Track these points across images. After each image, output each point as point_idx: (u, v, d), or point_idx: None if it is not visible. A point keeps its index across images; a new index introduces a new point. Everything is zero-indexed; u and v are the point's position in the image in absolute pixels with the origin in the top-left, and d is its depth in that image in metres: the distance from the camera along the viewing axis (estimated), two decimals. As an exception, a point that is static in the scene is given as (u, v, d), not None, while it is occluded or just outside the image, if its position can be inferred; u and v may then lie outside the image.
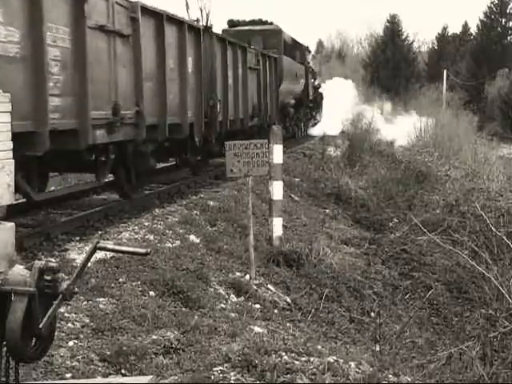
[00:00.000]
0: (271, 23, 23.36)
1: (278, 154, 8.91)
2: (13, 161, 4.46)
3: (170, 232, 8.47)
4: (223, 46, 14.14)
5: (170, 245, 7.91)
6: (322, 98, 33.62)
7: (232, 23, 22.99)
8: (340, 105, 33.98)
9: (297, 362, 4.66)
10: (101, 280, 6.06)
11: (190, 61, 11.72)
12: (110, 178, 10.35)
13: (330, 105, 34.03)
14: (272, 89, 19.33)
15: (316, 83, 32.44)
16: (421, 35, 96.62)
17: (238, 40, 16.19)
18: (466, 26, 63.25)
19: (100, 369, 4.47)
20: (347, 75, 43.62)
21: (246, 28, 22.17)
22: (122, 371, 4.49)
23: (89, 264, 3.74)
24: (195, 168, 13.75)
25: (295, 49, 25.56)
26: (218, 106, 13.35)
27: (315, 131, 29.96)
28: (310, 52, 30.83)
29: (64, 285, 3.21)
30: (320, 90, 33.56)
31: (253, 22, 23.01)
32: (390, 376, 4.81)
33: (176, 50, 11.06)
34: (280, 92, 20.71)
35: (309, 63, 29.43)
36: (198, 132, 12.28)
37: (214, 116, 13.16)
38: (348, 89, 40.00)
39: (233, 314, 6.27)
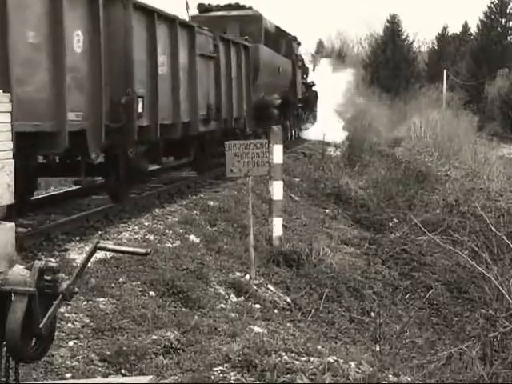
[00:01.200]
0: (250, 8, 19.44)
1: (277, 153, 8.91)
2: (13, 161, 4.45)
3: (170, 232, 8.47)
4: (149, 20, 9.90)
5: (169, 245, 7.91)
6: (316, 97, 29.68)
7: (203, 8, 19.14)
8: (335, 101, 30.85)
9: (297, 362, 4.66)
10: (101, 280, 6.06)
11: (77, 36, 7.95)
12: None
13: (325, 103, 29.86)
14: (242, 85, 15.00)
15: (309, 80, 28.73)
16: (421, 35, 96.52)
17: (210, 28, 13.24)
18: (466, 26, 63.24)
19: (100, 369, 4.47)
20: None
21: (220, 14, 18.47)
22: (122, 371, 4.49)
23: (89, 264, 3.74)
24: (114, 192, 9.85)
25: (280, 39, 21.78)
26: (140, 105, 9.43)
27: (309, 134, 26.83)
28: (299, 44, 25.94)
29: (64, 285, 3.21)
30: (314, 88, 29.55)
31: (228, 7, 19.28)
32: (390, 376, 4.81)
33: (44, 16, 7.29)
34: (256, 89, 16.76)
35: (297, 57, 25.04)
36: (94, 144, 8.35)
37: (130, 119, 9.12)
38: (343, 80, 34.68)
39: (233, 314, 6.27)
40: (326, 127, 25.43)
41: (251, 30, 17.91)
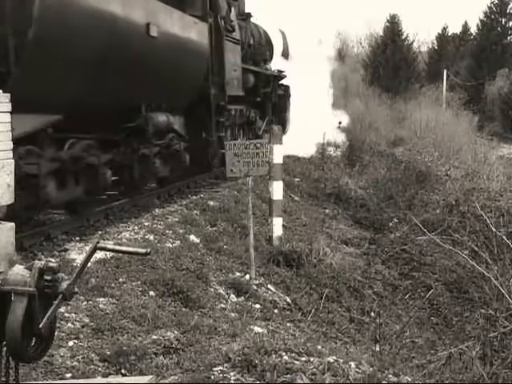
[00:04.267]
0: None
1: (277, 154, 8.92)
2: (13, 161, 4.45)
3: (170, 232, 8.47)
4: None
5: (169, 245, 7.91)
6: (287, 96, 20.00)
7: None
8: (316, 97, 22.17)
9: (297, 362, 4.65)
10: (101, 280, 6.06)
11: None
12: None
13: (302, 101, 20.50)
14: None
15: (269, 66, 18.35)
16: (421, 35, 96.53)
17: None
18: (466, 26, 63.17)
19: (100, 369, 4.47)
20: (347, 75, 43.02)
21: None
22: (122, 371, 4.49)
23: (89, 264, 3.74)
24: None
25: None
26: None
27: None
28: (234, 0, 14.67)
29: (64, 285, 3.21)
30: (284, 82, 19.83)
31: None
32: (390, 376, 4.80)
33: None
34: (21, 80, 6.47)
35: (232, 21, 13.72)
36: None
37: None
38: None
39: (233, 314, 6.27)
40: (318, 131, 19.46)
41: None
